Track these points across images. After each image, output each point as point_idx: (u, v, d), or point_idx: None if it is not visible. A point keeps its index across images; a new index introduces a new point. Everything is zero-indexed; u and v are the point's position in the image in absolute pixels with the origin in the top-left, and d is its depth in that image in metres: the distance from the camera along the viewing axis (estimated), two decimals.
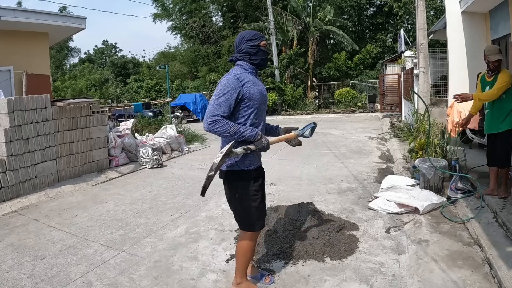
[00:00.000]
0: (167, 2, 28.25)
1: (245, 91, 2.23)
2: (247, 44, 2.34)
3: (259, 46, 2.36)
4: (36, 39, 8.52)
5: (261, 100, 2.33)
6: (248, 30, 2.50)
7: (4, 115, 4.84)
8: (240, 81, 2.22)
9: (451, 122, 6.31)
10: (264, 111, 2.42)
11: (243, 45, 2.36)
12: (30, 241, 3.51)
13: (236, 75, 2.24)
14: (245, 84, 2.24)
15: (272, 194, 4.77)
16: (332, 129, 11.38)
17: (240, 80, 2.22)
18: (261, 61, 2.40)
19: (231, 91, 2.18)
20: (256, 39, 2.36)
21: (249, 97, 2.24)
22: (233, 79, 2.21)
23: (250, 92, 2.24)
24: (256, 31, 2.48)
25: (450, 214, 3.71)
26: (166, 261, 3.01)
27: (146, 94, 26.45)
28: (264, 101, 2.38)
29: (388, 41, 23.29)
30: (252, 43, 2.34)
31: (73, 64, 40.69)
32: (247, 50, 2.35)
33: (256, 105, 2.29)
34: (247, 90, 2.23)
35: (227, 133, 2.13)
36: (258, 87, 2.31)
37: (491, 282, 2.41)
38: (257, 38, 2.37)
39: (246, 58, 2.36)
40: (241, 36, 2.39)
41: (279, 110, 17.98)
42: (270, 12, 18.56)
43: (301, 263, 2.86)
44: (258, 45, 2.36)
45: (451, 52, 7.55)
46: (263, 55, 2.39)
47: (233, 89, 2.18)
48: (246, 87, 2.24)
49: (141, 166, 6.92)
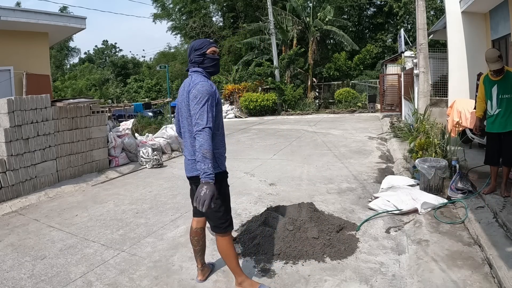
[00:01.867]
0: (167, 2, 28.28)
1: (217, 97, 2.34)
2: (195, 53, 2.39)
3: (205, 54, 2.39)
4: (36, 39, 8.51)
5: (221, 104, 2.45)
6: (198, 39, 2.52)
7: (4, 115, 4.84)
8: (212, 87, 2.31)
9: (451, 122, 6.31)
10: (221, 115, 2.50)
11: (191, 56, 2.41)
12: (30, 241, 3.51)
13: (207, 81, 2.32)
14: (216, 90, 2.35)
15: (272, 194, 4.77)
16: (332, 129, 11.38)
17: (212, 86, 2.32)
18: (212, 68, 2.43)
19: (211, 97, 2.25)
20: (203, 47, 2.39)
21: (217, 103, 2.34)
22: (208, 85, 2.28)
23: (218, 97, 2.36)
24: (206, 39, 2.50)
25: (450, 214, 3.71)
26: (166, 261, 3.01)
27: (146, 94, 26.47)
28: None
29: (388, 41, 23.29)
30: (199, 52, 2.38)
31: (73, 64, 40.74)
32: (195, 60, 2.40)
33: (220, 108, 2.40)
34: (218, 96, 2.36)
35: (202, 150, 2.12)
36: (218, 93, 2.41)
37: (491, 282, 2.41)
38: (203, 46, 2.39)
39: (197, 66, 2.41)
40: (190, 46, 2.45)
41: (279, 110, 17.97)
42: (270, 12, 18.56)
43: (301, 263, 2.86)
44: (204, 53, 2.39)
45: (451, 52, 7.55)
46: (210, 62, 2.41)
47: (211, 95, 2.26)
48: (216, 93, 2.34)
49: (141, 166, 6.92)
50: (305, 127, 12.08)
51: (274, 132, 11.25)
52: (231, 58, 24.09)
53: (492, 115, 3.81)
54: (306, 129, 11.70)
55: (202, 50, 2.38)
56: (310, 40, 19.30)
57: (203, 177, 2.11)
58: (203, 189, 2.07)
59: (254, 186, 5.19)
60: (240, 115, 18.01)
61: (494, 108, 3.77)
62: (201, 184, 2.11)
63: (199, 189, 2.09)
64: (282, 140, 9.39)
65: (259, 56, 20.59)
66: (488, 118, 3.90)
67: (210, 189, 2.08)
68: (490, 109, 3.84)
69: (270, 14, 18.57)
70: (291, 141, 9.16)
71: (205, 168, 2.10)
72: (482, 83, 3.90)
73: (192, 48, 2.42)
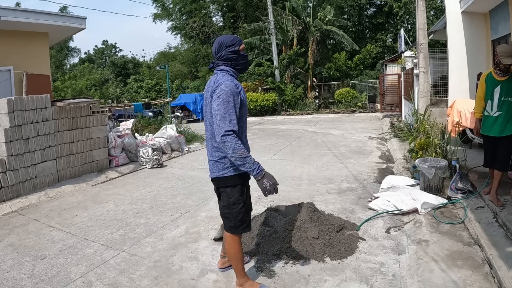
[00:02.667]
0: (167, 2, 28.29)
1: (242, 98, 2.26)
2: (227, 50, 2.31)
3: (239, 51, 2.34)
4: (36, 39, 8.52)
5: (246, 106, 2.37)
6: (226, 35, 2.46)
7: (4, 115, 4.84)
8: (237, 88, 2.24)
9: (451, 122, 6.30)
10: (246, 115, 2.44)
11: (223, 52, 2.32)
12: (30, 241, 3.51)
13: (232, 81, 2.25)
14: (241, 91, 2.27)
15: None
16: (332, 129, 11.38)
17: (237, 87, 2.25)
18: (243, 66, 2.39)
19: (235, 97, 2.19)
20: (235, 44, 2.33)
21: (242, 104, 2.27)
22: (233, 86, 2.21)
23: (244, 98, 2.29)
24: (234, 35, 2.45)
25: (450, 214, 3.71)
26: (166, 261, 3.01)
27: (146, 94, 26.46)
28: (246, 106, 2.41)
29: (388, 41, 23.29)
30: (232, 48, 2.31)
31: (73, 64, 40.73)
32: (227, 57, 2.31)
33: (245, 111, 2.34)
34: (243, 97, 2.28)
35: (236, 154, 2.11)
36: (245, 93, 2.34)
37: (491, 282, 2.41)
38: (236, 43, 2.33)
39: (228, 64, 2.33)
40: (220, 42, 2.34)
41: (279, 110, 17.98)
42: (270, 12, 18.56)
43: (301, 263, 2.86)
44: (238, 50, 2.33)
45: (451, 52, 7.55)
46: (243, 59, 2.37)
47: (236, 95, 2.20)
48: (242, 93, 2.27)
49: (141, 166, 6.92)
50: (305, 127, 12.08)
51: (274, 132, 11.25)
52: None
53: (491, 117, 3.63)
54: (306, 129, 11.70)
55: (235, 47, 2.32)
56: (310, 40, 19.30)
57: (255, 175, 2.16)
58: (263, 183, 2.17)
59: (253, 186, 5.18)
60: None
61: (494, 109, 3.58)
62: (258, 182, 2.18)
63: (261, 186, 2.18)
64: (282, 140, 9.39)
65: (259, 56, 20.60)
66: (485, 119, 3.71)
67: (267, 179, 2.17)
68: (489, 110, 3.65)
69: (270, 14, 18.58)
70: (291, 141, 9.16)
71: (249, 167, 2.14)
72: (484, 81, 3.67)
73: (223, 44, 2.32)
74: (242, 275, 2.47)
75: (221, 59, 2.33)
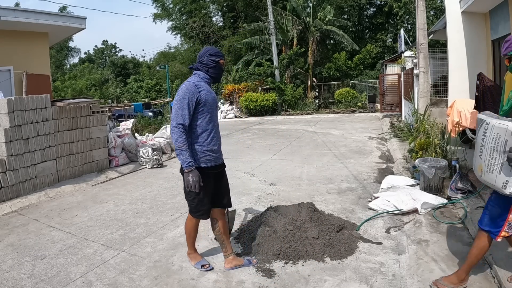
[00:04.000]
0: (167, 2, 28.27)
1: (202, 97, 2.58)
2: (209, 58, 2.68)
3: (218, 62, 2.71)
4: (36, 39, 8.52)
5: (214, 106, 2.70)
6: (212, 47, 2.85)
7: (4, 115, 4.84)
8: (198, 88, 2.58)
9: (451, 122, 6.31)
10: (216, 115, 2.76)
11: (205, 58, 2.69)
12: (30, 241, 3.51)
13: (194, 82, 2.61)
14: (202, 91, 2.59)
15: (272, 194, 4.77)
16: (332, 129, 11.38)
17: (198, 87, 2.58)
18: (217, 75, 2.75)
19: (191, 96, 2.54)
20: (217, 56, 2.71)
21: (204, 102, 2.59)
22: (192, 86, 2.57)
23: (205, 98, 2.60)
24: (219, 50, 2.83)
25: (450, 214, 3.71)
26: (166, 261, 3.01)
27: (146, 94, 26.47)
28: (216, 107, 2.76)
29: (388, 41, 23.29)
30: (213, 58, 2.69)
31: (73, 64, 40.74)
32: (207, 63, 2.68)
33: (210, 110, 2.65)
34: (203, 96, 2.59)
35: (176, 144, 2.49)
36: (211, 94, 2.68)
37: (491, 282, 2.41)
38: (218, 55, 2.71)
39: (204, 69, 2.69)
40: (205, 50, 2.74)
41: (279, 110, 17.97)
42: (270, 12, 18.56)
43: (301, 263, 2.86)
44: (218, 61, 2.70)
45: (451, 52, 7.55)
46: (219, 70, 2.74)
47: (192, 94, 2.54)
48: (202, 93, 2.59)
49: (141, 166, 6.92)
50: (305, 127, 12.08)
51: (274, 132, 11.25)
52: (231, 58, 24.08)
53: None
54: (306, 129, 11.70)
55: (216, 58, 2.69)
56: (310, 40, 19.30)
57: (185, 167, 2.49)
58: (188, 177, 2.50)
59: (254, 186, 5.19)
60: (240, 115, 18.00)
61: None
62: (185, 173, 2.51)
63: (185, 178, 2.52)
64: (282, 140, 9.39)
65: (259, 56, 20.59)
66: None
67: (194, 175, 2.49)
68: None
69: (270, 14, 18.57)
70: (291, 141, 9.16)
71: (183, 160, 2.48)
72: None
73: (207, 52, 2.70)
74: (190, 247, 2.90)
75: (201, 63, 2.69)
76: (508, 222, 2.18)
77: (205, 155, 2.62)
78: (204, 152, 2.62)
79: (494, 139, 2.08)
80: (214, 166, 2.69)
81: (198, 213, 2.73)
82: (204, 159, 2.62)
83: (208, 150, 2.63)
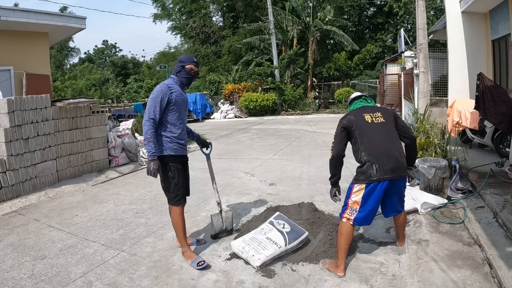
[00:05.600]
0: (167, 2, 28.26)
1: (173, 97, 2.91)
2: (178, 64, 3.03)
3: (184, 67, 3.01)
4: (36, 39, 8.52)
5: (183, 106, 3.01)
6: (187, 55, 3.18)
7: (4, 115, 4.84)
8: (170, 89, 2.91)
9: (451, 122, 6.31)
10: (185, 115, 3.08)
11: (176, 64, 3.05)
12: (30, 241, 3.51)
13: (168, 84, 2.94)
14: (173, 93, 2.92)
15: (272, 194, 4.77)
16: (332, 129, 11.33)
17: (170, 89, 2.92)
18: (183, 80, 3.04)
19: (163, 95, 2.87)
20: (185, 62, 3.02)
21: (174, 102, 2.92)
22: (165, 87, 2.91)
23: (176, 98, 2.92)
24: (192, 57, 3.09)
25: (450, 214, 3.71)
26: (166, 261, 3.01)
27: (146, 94, 26.42)
28: (186, 107, 3.07)
29: (388, 41, 23.28)
30: (181, 64, 3.01)
31: (73, 64, 40.71)
32: (176, 67, 3.03)
33: (179, 109, 2.97)
34: (174, 97, 2.91)
35: (145, 135, 2.80)
36: (182, 96, 3.00)
37: (491, 282, 2.41)
38: (186, 61, 3.02)
39: (176, 74, 3.03)
40: (180, 57, 3.10)
41: (279, 110, 17.97)
42: (270, 12, 18.56)
43: (301, 263, 2.86)
44: (183, 66, 3.00)
45: (451, 52, 7.55)
46: (185, 75, 3.02)
47: (164, 94, 2.87)
48: (174, 94, 2.92)
49: (141, 166, 6.91)
50: (305, 127, 12.08)
51: (274, 132, 11.25)
52: (231, 58, 24.08)
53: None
54: (306, 129, 11.70)
55: (183, 64, 3.01)
56: (310, 40, 19.29)
57: (149, 155, 2.79)
58: (150, 164, 2.79)
59: (254, 186, 5.19)
60: (240, 115, 18.00)
61: None
62: (148, 161, 2.80)
63: (148, 165, 2.80)
64: (282, 140, 9.39)
65: (259, 56, 20.60)
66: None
67: (155, 163, 2.79)
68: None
69: (270, 14, 18.57)
70: (291, 141, 9.16)
71: (149, 149, 2.79)
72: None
73: (179, 59, 3.07)
74: (183, 244, 2.98)
75: (175, 68, 3.06)
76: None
77: (174, 145, 2.95)
78: (174, 142, 2.95)
79: None
80: (182, 155, 3.03)
81: (176, 197, 2.98)
82: (174, 147, 2.95)
83: (177, 141, 2.96)
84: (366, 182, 2.64)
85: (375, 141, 2.72)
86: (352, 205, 2.69)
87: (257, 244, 2.90)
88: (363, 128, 2.77)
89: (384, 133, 2.77)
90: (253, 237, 3.02)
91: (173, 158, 2.95)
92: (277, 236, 2.97)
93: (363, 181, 2.66)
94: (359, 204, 2.66)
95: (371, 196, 2.64)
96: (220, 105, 19.71)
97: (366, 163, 2.69)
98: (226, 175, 5.94)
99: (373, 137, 2.73)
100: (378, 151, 2.68)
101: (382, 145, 2.71)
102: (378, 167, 2.62)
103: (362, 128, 2.77)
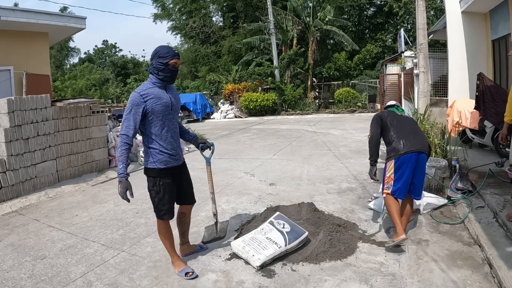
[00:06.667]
0: (167, 2, 28.24)
1: (148, 107, 2.50)
2: (158, 60, 2.54)
3: (168, 64, 2.53)
4: (36, 39, 8.52)
5: (165, 112, 2.58)
6: (164, 46, 2.63)
7: (4, 115, 4.84)
8: (143, 98, 2.49)
9: (451, 122, 6.31)
10: (171, 120, 2.65)
11: (154, 61, 2.56)
12: (30, 241, 3.51)
13: (140, 92, 2.51)
14: (148, 100, 2.50)
15: (272, 194, 4.77)
16: (332, 129, 11.37)
17: (144, 97, 2.50)
18: (167, 78, 2.59)
19: (136, 107, 2.48)
20: (167, 57, 2.53)
21: (151, 112, 2.52)
22: (137, 97, 2.49)
23: (152, 107, 2.51)
24: (172, 49, 2.61)
25: (450, 214, 3.71)
26: (166, 261, 3.01)
27: None
28: (169, 112, 2.62)
29: (388, 41, 23.26)
30: (162, 60, 2.53)
31: (73, 64, 40.67)
32: (156, 66, 2.55)
33: (160, 117, 2.56)
34: (150, 106, 2.51)
35: (117, 153, 2.51)
36: (162, 100, 2.56)
37: (491, 282, 2.41)
38: (168, 56, 2.53)
39: (155, 73, 2.57)
40: (155, 51, 2.56)
41: (279, 110, 17.97)
42: (270, 12, 18.56)
43: (301, 263, 2.86)
44: (167, 63, 2.53)
45: (451, 52, 7.55)
46: (170, 72, 2.57)
47: (137, 105, 2.48)
48: (149, 102, 2.50)
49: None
50: (305, 127, 12.08)
51: (274, 132, 11.24)
52: (231, 58, 24.07)
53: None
54: (306, 129, 11.70)
55: (165, 60, 2.53)
56: (310, 40, 19.29)
57: (118, 177, 2.52)
58: (118, 187, 2.51)
59: (254, 186, 5.19)
60: (240, 115, 18.00)
61: None
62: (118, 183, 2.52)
63: (118, 188, 2.52)
64: (282, 140, 9.39)
65: (259, 56, 20.59)
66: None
67: (122, 186, 2.49)
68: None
69: (270, 14, 18.57)
70: (291, 141, 9.16)
71: (118, 170, 2.51)
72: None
73: (156, 54, 2.54)
74: (172, 254, 2.82)
75: (152, 66, 2.58)
76: None
77: (164, 156, 2.63)
78: (161, 154, 2.63)
79: None
80: (173, 167, 2.70)
81: (160, 212, 2.72)
82: (163, 159, 2.64)
83: (165, 153, 2.63)
84: (396, 157, 3.09)
85: (403, 125, 3.28)
86: (388, 180, 3.14)
87: (257, 244, 2.90)
88: (394, 117, 3.37)
89: (412, 124, 3.38)
90: (253, 237, 3.02)
91: (162, 171, 2.64)
92: (277, 236, 2.97)
93: (393, 157, 3.12)
94: (393, 179, 3.09)
95: (401, 169, 3.06)
96: (220, 105, 19.71)
97: (394, 140, 3.17)
98: (226, 175, 5.94)
99: (402, 121, 3.32)
100: (405, 130, 3.21)
101: (408, 127, 3.26)
102: (405, 141, 3.10)
103: (393, 116, 3.37)
